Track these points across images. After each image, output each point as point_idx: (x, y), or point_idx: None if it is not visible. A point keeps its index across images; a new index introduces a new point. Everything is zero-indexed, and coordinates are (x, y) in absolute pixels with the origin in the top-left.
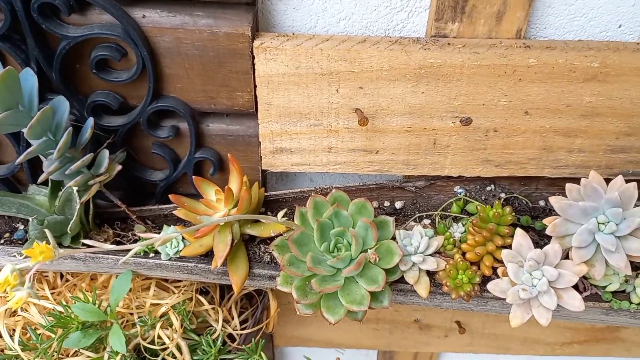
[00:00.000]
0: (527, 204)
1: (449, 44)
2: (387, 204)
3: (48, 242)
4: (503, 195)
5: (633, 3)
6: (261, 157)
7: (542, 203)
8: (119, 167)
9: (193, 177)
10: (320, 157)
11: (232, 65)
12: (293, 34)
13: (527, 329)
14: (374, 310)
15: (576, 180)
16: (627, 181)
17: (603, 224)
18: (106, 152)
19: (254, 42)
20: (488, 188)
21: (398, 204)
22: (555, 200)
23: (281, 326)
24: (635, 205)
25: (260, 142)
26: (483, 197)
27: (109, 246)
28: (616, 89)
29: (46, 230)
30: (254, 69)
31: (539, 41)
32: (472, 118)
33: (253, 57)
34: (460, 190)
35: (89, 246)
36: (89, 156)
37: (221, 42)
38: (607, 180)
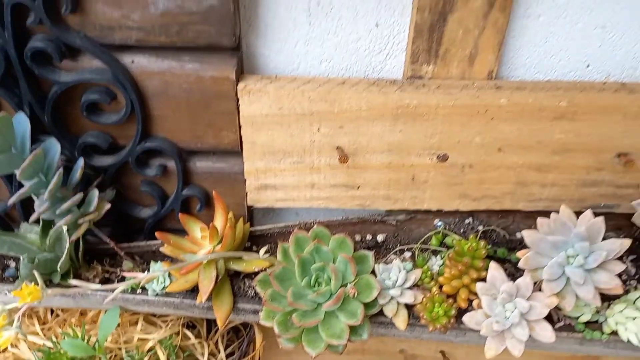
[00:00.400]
0: (505, 236)
1: (424, 85)
2: (369, 237)
3: (37, 283)
4: (481, 228)
5: (599, 44)
6: (247, 193)
7: (519, 235)
8: (108, 206)
9: (179, 214)
10: (304, 193)
11: (217, 106)
12: (276, 76)
13: (510, 357)
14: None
15: (550, 214)
16: (599, 214)
17: (572, 257)
18: (96, 192)
19: (238, 85)
20: (467, 221)
21: (380, 237)
22: (527, 234)
23: (267, 358)
24: (605, 238)
25: (245, 179)
26: (462, 230)
27: (95, 286)
28: (584, 126)
29: (35, 272)
30: (238, 110)
31: (510, 82)
32: (448, 155)
33: (238, 99)
34: (439, 224)
35: (77, 286)
36: (78, 196)
37: (207, 85)
38: (580, 214)
